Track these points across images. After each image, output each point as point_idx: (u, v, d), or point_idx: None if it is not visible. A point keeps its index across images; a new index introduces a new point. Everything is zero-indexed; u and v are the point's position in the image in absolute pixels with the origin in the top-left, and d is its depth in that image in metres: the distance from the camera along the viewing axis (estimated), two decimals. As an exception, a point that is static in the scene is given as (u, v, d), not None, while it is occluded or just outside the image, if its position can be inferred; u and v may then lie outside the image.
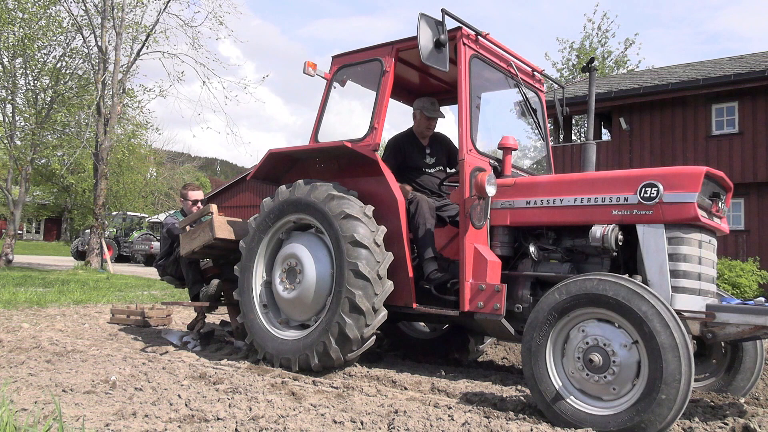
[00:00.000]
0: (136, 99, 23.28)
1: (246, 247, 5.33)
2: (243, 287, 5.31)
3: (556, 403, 3.53)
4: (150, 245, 30.74)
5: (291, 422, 3.36)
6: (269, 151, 5.44)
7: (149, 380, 4.31)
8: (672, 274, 3.85)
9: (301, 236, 5.18)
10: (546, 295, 3.67)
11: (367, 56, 5.33)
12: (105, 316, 8.15)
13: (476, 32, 4.92)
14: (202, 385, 4.23)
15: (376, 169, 4.96)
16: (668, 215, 3.87)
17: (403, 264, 4.79)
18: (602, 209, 4.12)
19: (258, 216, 5.33)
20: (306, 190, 4.97)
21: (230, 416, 3.45)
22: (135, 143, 25.15)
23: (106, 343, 6.21)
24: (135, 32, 21.66)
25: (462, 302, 4.48)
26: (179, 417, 3.42)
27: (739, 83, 15.03)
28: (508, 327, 4.37)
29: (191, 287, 6.45)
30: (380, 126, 5.06)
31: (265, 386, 4.25)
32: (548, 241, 4.55)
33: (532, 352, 3.65)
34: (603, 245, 4.02)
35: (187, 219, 6.22)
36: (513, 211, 4.56)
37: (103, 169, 20.84)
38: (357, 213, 4.71)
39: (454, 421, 3.48)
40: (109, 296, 11.15)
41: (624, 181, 4.11)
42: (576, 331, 3.58)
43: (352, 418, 3.48)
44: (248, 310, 5.25)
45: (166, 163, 35.11)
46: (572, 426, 3.42)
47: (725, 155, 15.52)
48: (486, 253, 4.49)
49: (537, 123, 5.61)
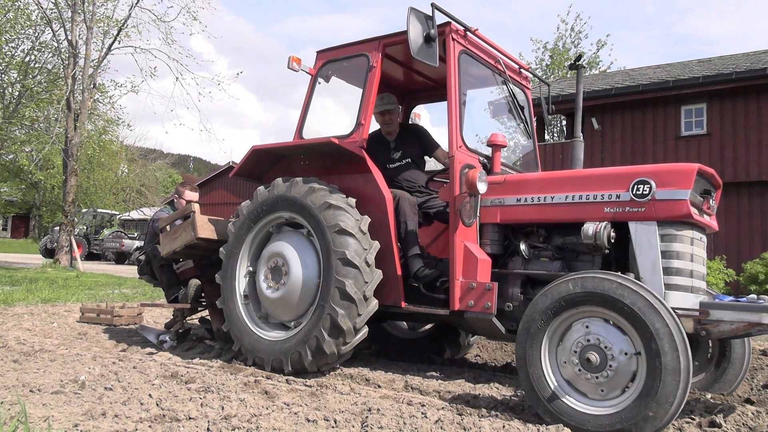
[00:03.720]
0: (107, 94, 22.97)
1: (234, 233, 5.21)
2: (226, 274, 5.20)
3: (541, 386, 3.51)
4: (121, 243, 30.34)
5: (264, 421, 3.34)
6: (253, 147, 5.33)
7: (119, 380, 4.26)
8: (665, 272, 3.82)
9: (290, 235, 5.06)
10: (557, 283, 3.58)
11: (353, 51, 5.24)
12: (74, 315, 8.02)
13: (465, 28, 4.86)
14: (173, 385, 4.19)
15: (363, 166, 4.88)
16: (661, 212, 3.85)
17: (391, 262, 4.71)
18: (594, 206, 4.09)
19: (251, 204, 5.19)
20: (303, 191, 4.84)
21: (202, 415, 3.42)
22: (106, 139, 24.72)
23: (75, 342, 6.11)
24: (106, 26, 21.32)
25: (452, 301, 4.41)
26: (150, 417, 3.38)
27: (708, 85, 15.32)
28: (499, 325, 4.31)
29: (168, 290, 6.32)
30: (367, 122, 4.97)
31: (237, 385, 4.22)
32: (539, 238, 4.49)
33: (530, 333, 3.58)
34: (595, 243, 3.97)
35: (168, 218, 6.07)
36: (503, 208, 4.51)
37: (72, 166, 20.49)
38: (340, 203, 4.64)
39: (428, 419, 3.49)
40: (78, 295, 10.97)
41: (616, 178, 4.07)
42: (579, 325, 3.52)
43: (325, 417, 3.47)
44: (228, 299, 5.17)
45: (137, 160, 34.61)
46: (553, 410, 3.44)
47: (694, 156, 15.80)
48: (476, 251, 4.42)
49: (524, 121, 5.53)
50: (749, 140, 15.43)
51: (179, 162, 73.74)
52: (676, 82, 15.69)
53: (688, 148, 16.21)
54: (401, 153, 5.53)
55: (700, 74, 15.58)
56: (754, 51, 17.73)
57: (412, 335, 6.27)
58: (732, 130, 15.66)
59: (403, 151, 5.52)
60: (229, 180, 37.79)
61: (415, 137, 5.66)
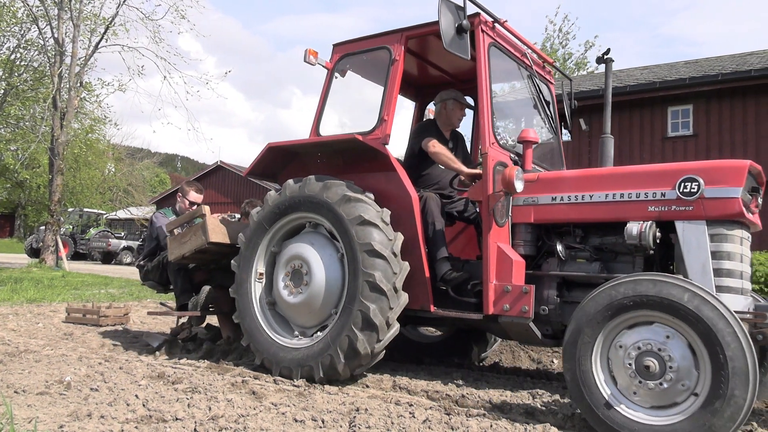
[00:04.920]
0: (93, 93, 22.82)
1: (246, 241, 4.97)
2: (240, 286, 4.96)
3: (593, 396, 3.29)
4: (107, 242, 30.15)
5: (251, 421, 3.34)
6: (268, 144, 5.09)
7: (105, 380, 4.23)
8: (715, 273, 3.65)
9: (308, 235, 4.84)
10: (608, 286, 3.36)
11: (373, 44, 5.03)
12: (60, 315, 7.96)
13: (494, 19, 4.66)
14: (160, 385, 4.17)
15: (387, 164, 4.67)
16: (710, 211, 3.68)
17: (419, 264, 4.50)
18: (637, 205, 3.92)
19: (262, 210, 4.98)
20: (318, 188, 4.62)
21: (189, 416, 3.40)
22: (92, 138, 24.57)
23: (60, 342, 6.06)
24: (93, 24, 21.15)
25: (485, 304, 4.20)
26: (136, 417, 3.36)
27: (694, 87, 15.41)
28: (536, 330, 4.14)
29: (180, 296, 5.96)
30: (390, 118, 4.77)
31: (225, 385, 4.21)
32: (575, 239, 4.32)
33: (580, 339, 3.36)
34: (640, 243, 3.81)
35: (176, 221, 5.79)
36: (537, 207, 4.32)
37: (59, 165, 20.31)
38: (374, 219, 4.39)
39: (415, 419, 3.50)
40: (64, 295, 10.89)
41: (660, 176, 3.90)
42: (632, 331, 3.31)
43: (313, 417, 3.47)
44: (245, 312, 4.92)
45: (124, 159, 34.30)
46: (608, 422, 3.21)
47: (680, 156, 15.92)
48: (510, 253, 4.23)
49: (549, 116, 5.33)
50: (735, 141, 15.57)
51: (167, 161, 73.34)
52: (662, 83, 15.81)
53: (674, 148, 16.33)
54: (454, 154, 5.23)
55: (687, 76, 15.70)
56: (740, 53, 17.90)
57: (429, 339, 6.08)
58: (718, 131, 15.80)
59: (455, 152, 5.24)
60: (218, 179, 37.66)
61: (462, 143, 5.53)
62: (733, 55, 17.66)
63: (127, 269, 23.94)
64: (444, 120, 5.36)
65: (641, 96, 16.40)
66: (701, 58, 18.51)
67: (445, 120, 5.36)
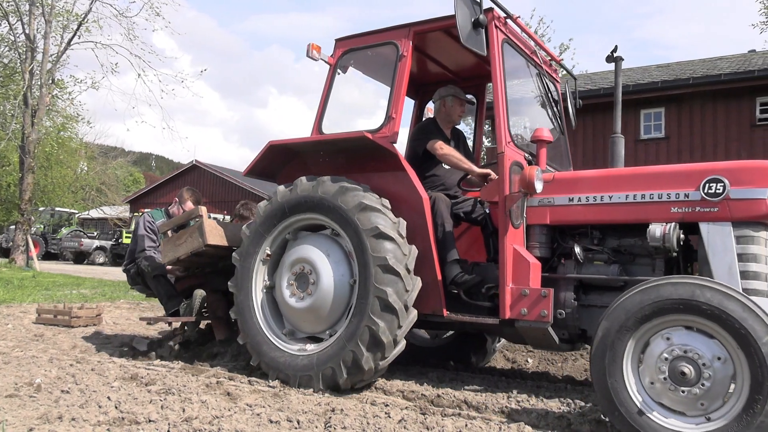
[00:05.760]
0: (66, 90, 22.52)
1: (250, 236, 4.75)
2: (241, 283, 4.75)
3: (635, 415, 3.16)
4: (80, 242, 29.72)
5: (226, 423, 3.31)
6: (270, 142, 4.89)
7: (77, 382, 4.17)
8: (741, 275, 3.56)
9: (315, 238, 4.64)
10: (627, 296, 3.27)
11: (378, 39, 4.87)
12: (30, 316, 7.81)
13: (507, 14, 4.54)
14: (133, 387, 4.12)
15: (396, 164, 4.52)
16: (736, 212, 3.60)
17: (430, 267, 4.37)
18: (659, 206, 3.83)
19: (254, 222, 4.80)
20: (311, 187, 4.49)
21: (162, 418, 3.37)
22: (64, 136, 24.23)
23: (30, 344, 5.95)
24: (65, 20, 20.87)
25: (502, 309, 4.08)
26: (108, 420, 3.32)
27: (666, 90, 15.68)
28: (554, 335, 4.04)
29: (167, 303, 5.79)
30: (398, 116, 4.62)
31: (199, 386, 4.17)
32: (592, 241, 4.21)
33: (609, 346, 3.24)
34: (663, 245, 3.73)
35: (171, 222, 5.60)
36: (553, 208, 4.21)
37: (29, 163, 19.99)
38: (375, 203, 4.29)
39: (391, 419, 3.51)
40: (35, 295, 10.71)
41: (684, 176, 3.82)
42: (659, 338, 3.21)
43: (288, 418, 3.46)
44: (250, 328, 4.67)
45: (97, 158, 33.85)
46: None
47: (652, 158, 16.16)
48: (527, 255, 4.11)
49: (557, 115, 5.22)
50: (705, 144, 15.86)
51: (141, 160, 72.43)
52: (636, 86, 16.03)
53: (647, 151, 16.58)
54: None
55: (659, 79, 15.95)
56: (710, 57, 18.24)
57: (432, 343, 5.94)
58: (689, 134, 16.08)
59: (457, 149, 5.11)
60: (193, 179, 37.29)
61: (463, 141, 5.40)
62: (704, 60, 17.99)
63: (100, 269, 23.61)
64: (444, 117, 5.25)
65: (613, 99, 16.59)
66: (673, 62, 18.83)
67: (445, 117, 5.25)
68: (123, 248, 29.02)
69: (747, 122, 15.23)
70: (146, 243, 5.96)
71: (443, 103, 5.22)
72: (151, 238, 6.01)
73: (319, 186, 4.49)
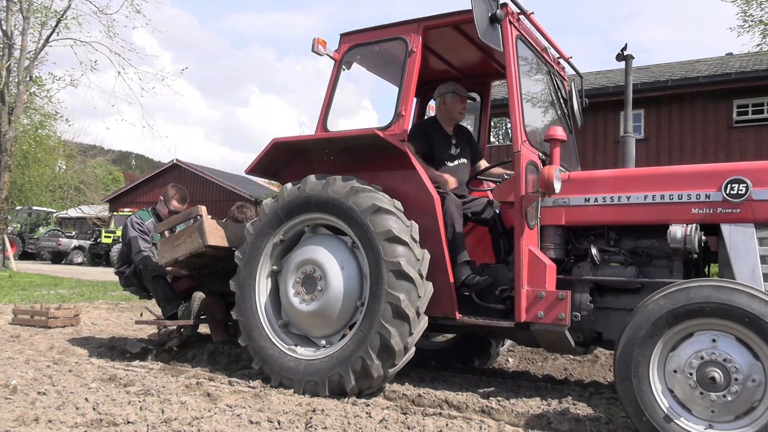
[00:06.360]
0: (44, 87, 22.21)
1: (245, 255, 4.60)
2: (243, 282, 4.57)
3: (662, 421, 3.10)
4: (57, 242, 29.35)
5: (206, 424, 3.29)
6: (274, 140, 4.71)
7: (54, 384, 4.12)
8: (765, 278, 3.50)
9: (323, 239, 4.50)
10: (654, 299, 3.20)
11: (386, 35, 4.75)
12: (6, 317, 7.71)
13: (521, 10, 4.44)
14: (111, 388, 4.08)
15: (406, 162, 4.38)
16: (759, 214, 3.55)
17: (442, 269, 4.24)
18: (679, 207, 3.77)
19: (257, 221, 4.64)
20: (321, 186, 4.35)
21: (141, 419, 3.34)
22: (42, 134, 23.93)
23: (6, 345, 5.87)
24: (44, 17, 20.56)
25: (518, 312, 3.96)
26: (86, 422, 3.29)
27: (645, 92, 15.85)
28: (570, 339, 3.96)
29: (165, 305, 5.59)
30: (407, 113, 4.51)
31: (179, 387, 4.14)
32: (608, 242, 4.14)
33: (635, 358, 3.16)
34: (684, 247, 3.67)
35: (168, 222, 5.42)
36: (568, 209, 4.13)
37: (6, 161, 19.69)
38: (389, 206, 4.15)
39: (372, 418, 3.51)
40: (11, 296, 10.58)
41: (705, 177, 3.76)
42: (690, 341, 3.14)
43: (269, 418, 3.45)
44: (247, 311, 4.53)
45: (76, 156, 33.48)
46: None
47: (632, 159, 16.35)
48: (542, 257, 4.03)
49: (566, 114, 5.13)
50: (683, 145, 16.08)
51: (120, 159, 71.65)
52: (616, 88, 16.19)
53: (626, 152, 16.76)
54: (459, 151, 5.06)
55: (638, 81, 16.12)
56: (688, 60, 18.50)
57: (430, 345, 5.78)
58: (668, 135, 16.28)
59: (461, 148, 5.07)
60: (174, 178, 36.96)
61: (467, 137, 5.30)
62: (682, 62, 18.24)
63: (78, 269, 23.33)
64: (444, 115, 5.14)
65: (595, 100, 16.72)
66: (652, 64, 19.07)
67: (445, 115, 5.13)
68: (102, 248, 28.78)
69: (724, 124, 15.46)
70: (141, 244, 5.79)
71: (443, 101, 5.11)
72: (144, 239, 5.86)
73: (329, 185, 4.35)
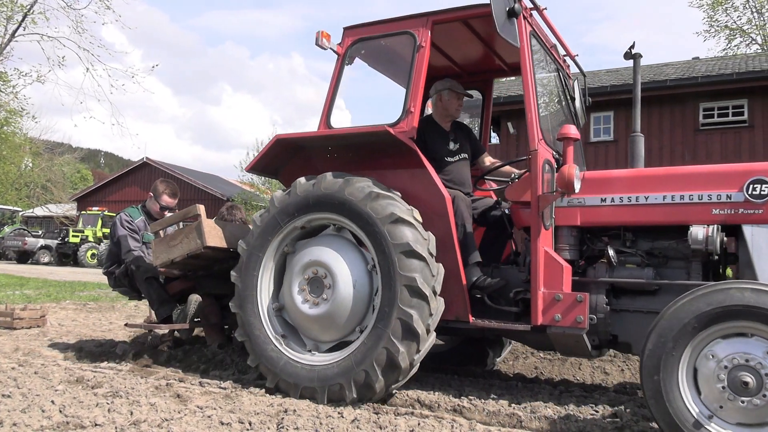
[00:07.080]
0: (9, 83, 21.69)
1: (247, 250, 4.43)
2: (246, 280, 4.41)
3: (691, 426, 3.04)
4: (23, 241, 28.78)
5: (175, 425, 3.26)
6: (276, 136, 4.55)
7: (19, 386, 4.03)
8: None
9: (331, 240, 4.35)
10: (682, 302, 3.13)
11: (393, 29, 4.62)
12: (-31, 318, 7.51)
13: (535, 6, 4.34)
14: (78, 390, 4.01)
15: (416, 161, 4.26)
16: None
17: (454, 271, 4.12)
18: (700, 208, 3.71)
19: (265, 212, 4.48)
20: (337, 185, 4.17)
21: (109, 421, 3.29)
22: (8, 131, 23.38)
23: (-31, 347, 5.73)
24: (10, 11, 20.14)
25: (534, 314, 3.87)
26: (52, 424, 3.23)
27: (615, 94, 16.12)
28: (587, 342, 3.88)
29: (159, 308, 5.40)
30: (416, 110, 4.37)
31: (148, 389, 4.09)
32: (625, 243, 4.07)
33: (663, 361, 3.10)
34: (706, 248, 3.63)
35: (164, 221, 5.25)
36: (584, 209, 4.05)
37: (-31, 158, 19.20)
38: (409, 217, 4.00)
39: (344, 419, 3.51)
40: (-26, 296, 10.30)
41: (726, 177, 3.71)
42: (722, 344, 3.07)
43: (240, 419, 3.42)
44: (249, 311, 4.39)
45: (43, 154, 32.85)
46: None
47: (602, 161, 16.60)
48: (558, 258, 3.93)
49: (573, 113, 5.06)
50: (651, 147, 16.36)
51: (89, 157, 70.43)
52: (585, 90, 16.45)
53: (596, 153, 17.01)
54: (459, 147, 4.93)
55: (608, 84, 16.38)
56: (657, 63, 18.83)
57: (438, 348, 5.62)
58: (636, 137, 16.59)
59: (460, 144, 4.95)
60: (143, 176, 36.48)
61: (466, 133, 5.18)
62: (651, 66, 18.55)
63: (45, 269, 22.88)
64: (441, 113, 5.01)
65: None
66: (622, 67, 19.35)
67: (442, 112, 5.01)
68: (69, 247, 28.28)
69: (691, 127, 15.79)
70: (131, 243, 5.63)
71: (439, 98, 4.99)
72: (134, 237, 5.70)
73: (346, 186, 4.18)
